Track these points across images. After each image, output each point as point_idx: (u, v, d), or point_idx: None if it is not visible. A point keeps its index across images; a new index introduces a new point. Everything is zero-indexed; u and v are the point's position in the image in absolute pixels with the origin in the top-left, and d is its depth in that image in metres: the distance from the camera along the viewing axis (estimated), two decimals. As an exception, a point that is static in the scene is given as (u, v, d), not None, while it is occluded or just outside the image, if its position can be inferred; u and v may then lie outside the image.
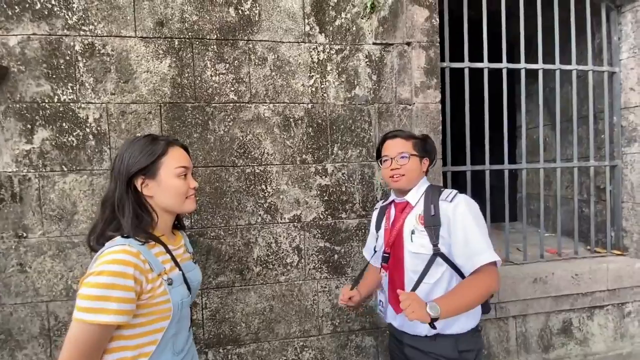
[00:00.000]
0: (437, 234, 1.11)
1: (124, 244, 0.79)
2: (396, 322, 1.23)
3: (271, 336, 1.63)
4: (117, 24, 1.48)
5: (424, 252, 1.13)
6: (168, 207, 0.90)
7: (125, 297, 0.75)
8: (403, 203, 1.23)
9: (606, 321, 1.94)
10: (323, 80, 1.65)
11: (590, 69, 1.99)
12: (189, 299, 0.92)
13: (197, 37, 1.54)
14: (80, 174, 1.47)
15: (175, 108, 1.53)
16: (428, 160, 1.24)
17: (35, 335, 1.45)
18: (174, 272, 0.88)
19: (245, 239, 1.60)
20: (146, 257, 0.81)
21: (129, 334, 0.79)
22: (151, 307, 0.81)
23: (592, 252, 2.02)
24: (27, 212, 1.44)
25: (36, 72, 1.43)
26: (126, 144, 0.88)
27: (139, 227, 0.83)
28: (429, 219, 1.13)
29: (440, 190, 1.18)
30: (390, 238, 1.23)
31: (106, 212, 0.86)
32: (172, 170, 0.88)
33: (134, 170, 0.84)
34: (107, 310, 0.72)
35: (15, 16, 1.41)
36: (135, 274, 0.77)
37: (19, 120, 1.42)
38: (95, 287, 0.73)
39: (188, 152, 0.96)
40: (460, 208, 1.10)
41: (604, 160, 2.03)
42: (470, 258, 1.05)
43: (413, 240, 1.16)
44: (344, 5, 1.65)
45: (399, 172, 1.18)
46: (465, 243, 1.07)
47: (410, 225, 1.18)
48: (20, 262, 1.44)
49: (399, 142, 1.21)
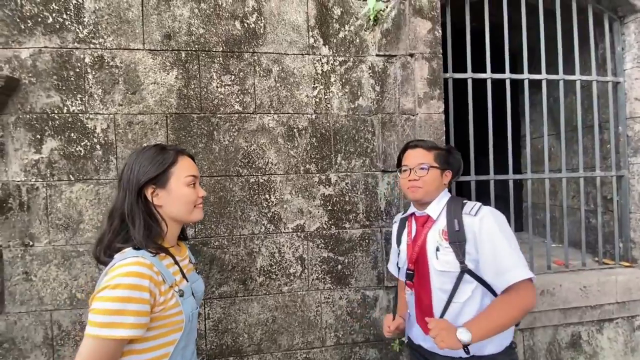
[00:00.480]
0: (463, 250, 1.06)
1: (137, 256, 0.79)
2: (426, 343, 1.17)
3: (274, 347, 1.61)
4: (126, 37, 1.52)
5: (451, 269, 1.08)
6: (177, 217, 0.90)
7: (141, 310, 0.74)
8: (424, 217, 1.19)
9: (616, 335, 1.89)
10: (327, 91, 1.67)
11: (594, 79, 1.99)
12: (197, 310, 0.92)
13: (204, 49, 1.57)
14: (87, 183, 1.49)
15: (181, 119, 1.56)
16: (450, 173, 1.20)
17: (39, 345, 1.45)
18: (183, 283, 0.88)
19: (248, 248, 1.60)
20: (159, 269, 0.81)
21: (141, 347, 0.78)
22: (164, 319, 0.80)
23: (600, 264, 1.98)
24: (34, 220, 1.46)
25: (46, 84, 1.47)
26: (135, 154, 0.88)
27: (150, 238, 0.83)
28: (453, 234, 1.09)
29: (462, 203, 1.14)
30: (412, 254, 1.18)
31: (114, 222, 0.85)
32: (182, 179, 0.88)
33: (145, 180, 0.84)
34: (124, 325, 0.72)
35: (28, 30, 1.45)
36: (150, 286, 0.76)
37: (28, 130, 1.45)
38: (112, 300, 0.72)
39: (194, 161, 0.97)
40: (487, 222, 1.06)
41: (611, 170, 2.01)
42: (501, 275, 1.00)
43: (438, 257, 1.11)
44: (348, 18, 1.68)
45: (417, 185, 1.14)
46: (494, 259, 1.02)
47: (433, 241, 1.13)
48: (25, 271, 1.45)
49: (419, 153, 1.17)
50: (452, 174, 1.20)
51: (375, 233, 1.70)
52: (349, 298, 1.67)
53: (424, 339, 1.16)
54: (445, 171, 1.19)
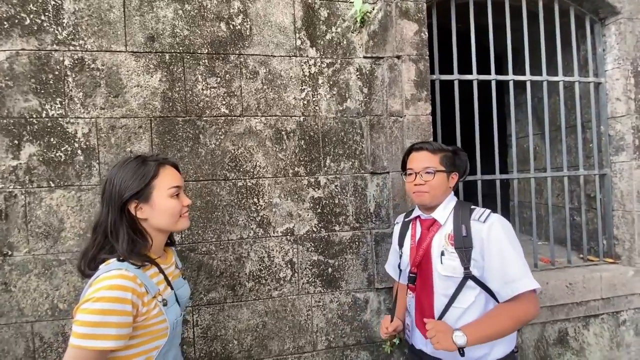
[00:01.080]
0: (469, 257, 1.05)
1: (121, 269, 0.79)
2: (427, 348, 1.15)
3: (264, 353, 1.59)
4: (107, 38, 1.48)
5: (455, 274, 1.07)
6: (162, 228, 0.91)
7: (123, 322, 0.76)
8: (429, 220, 1.17)
9: (602, 330, 1.93)
10: (315, 94, 1.66)
11: (576, 80, 2.03)
12: (181, 317, 0.94)
13: (188, 51, 1.54)
14: (68, 189, 1.44)
15: (165, 122, 1.52)
16: (457, 175, 1.18)
17: (20, 358, 1.40)
18: (167, 292, 0.90)
19: (237, 253, 1.58)
20: (142, 281, 0.82)
21: (123, 354, 0.80)
22: (146, 328, 0.82)
23: (585, 261, 2.03)
24: (12, 229, 1.40)
25: (24, 88, 1.41)
26: (116, 167, 0.88)
27: (134, 251, 0.84)
28: (459, 239, 1.07)
29: (470, 209, 1.12)
30: (416, 257, 1.16)
31: (98, 237, 0.85)
32: (165, 192, 0.88)
33: (127, 196, 0.84)
34: (106, 336, 0.73)
35: (4, 32, 1.40)
36: (133, 299, 0.78)
37: (5, 136, 1.40)
38: (94, 313, 0.73)
39: (178, 169, 0.96)
40: (495, 230, 1.04)
41: (594, 169, 2.06)
42: (508, 284, 1.00)
43: (443, 262, 1.09)
44: (335, 20, 1.67)
45: (423, 189, 1.12)
46: (501, 268, 1.01)
47: (439, 245, 1.12)
48: (4, 282, 1.40)
49: (425, 156, 1.14)
50: (458, 176, 1.18)
51: (365, 235, 1.69)
52: (340, 301, 1.67)
53: (425, 343, 1.15)
54: (451, 173, 1.16)
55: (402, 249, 1.25)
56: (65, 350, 1.39)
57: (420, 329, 1.17)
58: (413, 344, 1.24)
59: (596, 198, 2.05)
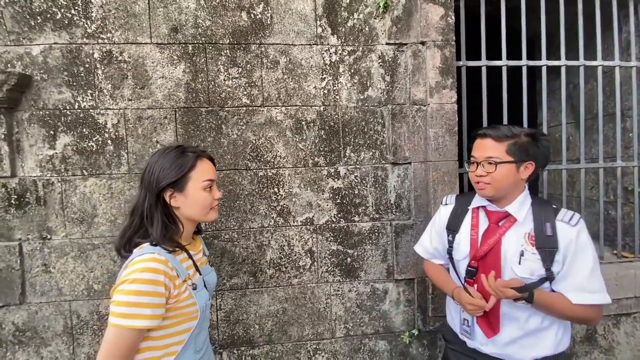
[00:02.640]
0: (552, 258, 0.98)
1: (153, 252, 0.84)
2: (487, 348, 1.08)
3: (284, 338, 1.64)
4: (133, 31, 1.51)
5: (532, 277, 1.00)
6: (193, 218, 0.95)
7: (156, 302, 0.80)
8: (501, 213, 1.07)
9: (633, 329, 1.84)
10: (335, 82, 1.63)
11: (617, 65, 1.88)
12: (209, 301, 0.98)
13: (210, 42, 1.55)
14: (100, 178, 1.52)
15: (189, 113, 1.56)
16: (532, 165, 1.04)
17: (59, 333, 1.51)
18: (196, 276, 0.94)
19: (258, 241, 1.61)
20: (173, 265, 0.86)
21: (157, 335, 0.85)
22: (177, 310, 0.86)
23: (619, 257, 1.92)
24: (50, 214, 1.50)
25: (58, 80, 1.48)
26: (156, 155, 0.92)
27: (167, 237, 0.88)
28: (543, 239, 0.99)
29: (554, 208, 1.04)
30: (479, 251, 1.07)
31: (135, 220, 0.90)
32: (199, 184, 0.92)
33: (164, 184, 0.88)
34: (141, 316, 0.78)
35: (38, 26, 1.46)
36: (165, 281, 0.82)
37: (42, 126, 1.48)
38: (129, 294, 0.78)
39: (214, 163, 1.00)
40: (583, 236, 0.99)
41: (632, 160, 1.93)
42: (579, 292, 0.97)
43: (522, 262, 1.00)
44: (356, 6, 1.63)
45: (484, 181, 1.03)
46: (585, 277, 0.97)
47: (516, 244, 1.03)
48: (44, 263, 1.50)
49: (488, 144, 1.04)
50: (534, 165, 1.04)
51: (385, 226, 1.68)
52: (359, 291, 1.68)
53: (485, 342, 1.08)
54: (524, 163, 1.03)
55: (456, 235, 1.15)
56: (100, 329, 1.49)
57: (481, 327, 1.08)
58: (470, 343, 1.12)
59: (634, 191, 1.93)
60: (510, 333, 1.04)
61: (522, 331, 1.03)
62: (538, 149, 1.04)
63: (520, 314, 1.03)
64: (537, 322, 1.02)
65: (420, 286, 1.68)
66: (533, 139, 1.04)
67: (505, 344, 1.04)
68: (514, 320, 1.04)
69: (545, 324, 1.03)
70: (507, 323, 1.04)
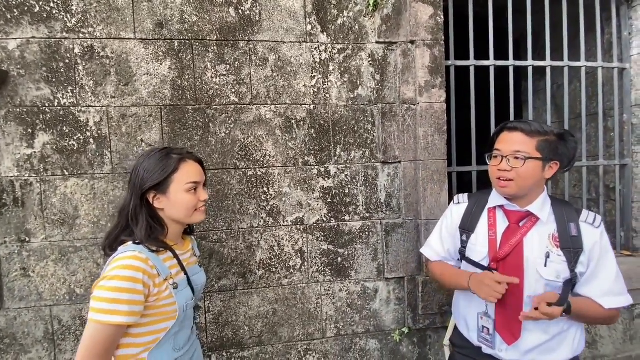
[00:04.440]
0: (577, 259, 0.95)
1: (135, 250, 0.86)
2: (506, 354, 1.03)
3: (274, 340, 1.62)
4: (116, 25, 1.46)
5: (558, 279, 0.97)
6: (176, 219, 0.96)
7: (135, 299, 0.81)
8: (522, 213, 1.03)
9: (616, 323, 1.90)
10: (325, 81, 1.62)
11: (599, 66, 1.93)
12: (193, 302, 0.97)
13: (197, 38, 1.52)
14: (82, 178, 1.46)
15: (175, 111, 1.51)
16: (557, 165, 1.00)
17: (40, 340, 1.45)
18: (180, 276, 0.94)
19: (247, 242, 1.59)
20: (154, 263, 0.87)
21: (137, 332, 0.86)
22: (157, 308, 0.87)
23: (601, 253, 1.98)
24: (29, 216, 1.44)
25: (36, 76, 1.42)
26: (143, 157, 0.94)
27: (151, 237, 0.90)
28: (567, 240, 0.97)
29: (575, 209, 1.03)
30: (500, 252, 1.02)
31: (121, 220, 0.93)
32: (182, 186, 0.92)
33: (147, 186, 0.90)
34: (119, 312, 0.79)
35: (14, 19, 1.40)
36: (144, 279, 0.83)
37: (19, 124, 1.42)
38: (108, 290, 0.79)
39: (202, 165, 1.00)
40: (606, 238, 0.97)
41: (614, 159, 1.99)
42: (608, 296, 0.96)
43: (548, 264, 0.97)
44: (346, 4, 1.62)
45: (508, 176, 0.98)
46: (609, 280, 0.96)
47: (539, 245, 1.00)
48: (23, 267, 1.44)
49: (518, 138, 0.99)
50: (558, 166, 1.00)
51: (375, 225, 1.68)
52: (349, 290, 1.67)
53: (505, 349, 1.03)
54: (550, 162, 0.99)
55: (472, 236, 1.10)
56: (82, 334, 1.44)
57: (503, 334, 1.03)
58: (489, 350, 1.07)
59: (615, 189, 1.99)
60: (535, 338, 1.00)
61: (548, 335, 1.00)
62: (566, 149, 1.01)
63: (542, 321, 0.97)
64: (561, 325, 1.00)
65: (411, 284, 1.69)
66: (562, 138, 1.00)
67: (527, 350, 1.01)
68: (537, 325, 0.99)
69: (566, 327, 1.01)
70: (530, 328, 1.00)
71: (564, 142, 1.00)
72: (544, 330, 1.00)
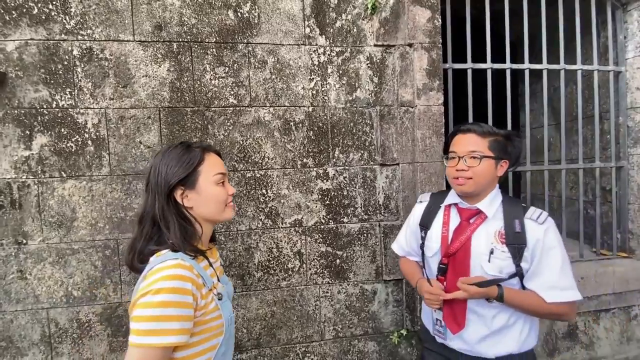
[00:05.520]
0: (522, 254, 0.99)
1: (177, 258, 0.74)
2: (453, 343, 1.09)
3: (273, 342, 1.62)
4: (115, 28, 1.46)
5: (501, 274, 1.01)
6: (208, 217, 0.86)
7: (186, 314, 0.70)
8: (472, 210, 1.08)
9: (612, 325, 1.91)
10: (324, 83, 1.63)
11: (595, 69, 1.95)
12: (233, 314, 0.88)
13: (196, 40, 1.52)
14: (80, 180, 1.46)
15: (174, 112, 1.52)
16: (507, 163, 1.07)
17: (36, 342, 1.44)
18: (219, 286, 0.85)
19: (246, 244, 1.59)
20: (198, 272, 0.77)
21: (183, 355, 0.73)
22: (204, 324, 0.76)
23: (598, 255, 1.99)
24: (26, 218, 1.43)
25: (34, 78, 1.42)
26: (160, 154, 0.84)
27: (187, 240, 0.79)
28: (512, 235, 1.01)
29: (523, 206, 1.06)
30: (450, 248, 1.08)
31: (145, 227, 0.81)
32: (211, 178, 0.84)
33: (174, 182, 0.80)
34: (170, 331, 0.67)
35: (13, 21, 1.40)
36: (193, 290, 0.72)
37: (17, 126, 1.41)
38: (155, 306, 0.67)
39: (221, 157, 0.92)
40: (551, 234, 1.00)
41: (610, 161, 2.00)
42: (552, 290, 0.98)
43: (491, 260, 1.01)
44: (345, 7, 1.63)
45: (465, 175, 1.03)
46: (555, 274, 0.98)
47: (486, 241, 1.04)
48: (20, 269, 1.43)
49: (472, 139, 1.04)
50: (507, 164, 1.07)
51: (373, 227, 1.68)
52: (348, 292, 1.67)
53: (452, 337, 1.09)
54: (501, 161, 1.05)
55: (428, 232, 1.16)
56: (80, 337, 1.44)
57: (450, 324, 1.09)
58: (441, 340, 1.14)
59: (612, 191, 2.00)
60: (478, 330, 1.05)
61: (488, 329, 1.04)
62: (514, 148, 1.08)
63: (487, 312, 1.04)
64: (504, 320, 1.03)
65: (409, 286, 1.69)
66: (509, 138, 1.07)
67: (471, 340, 1.06)
68: (480, 317, 1.05)
69: (510, 322, 1.04)
70: (474, 320, 1.05)
71: (510, 142, 1.07)
72: (485, 323, 1.04)
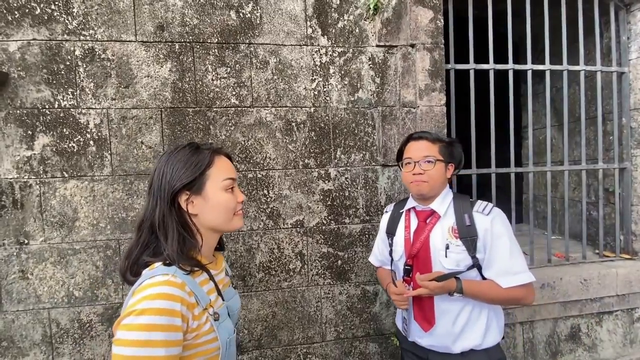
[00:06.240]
0: (475, 245, 1.07)
1: (167, 274, 0.68)
2: (423, 340, 1.15)
3: (274, 343, 1.61)
4: (117, 28, 1.46)
5: (459, 267, 1.08)
6: (214, 226, 0.78)
7: (173, 339, 0.63)
8: (427, 211, 1.16)
9: (615, 327, 1.90)
10: (326, 84, 1.62)
11: (598, 70, 1.94)
12: (235, 335, 0.80)
13: (198, 40, 1.52)
14: (81, 180, 1.46)
15: (176, 113, 1.52)
16: (453, 167, 1.18)
17: (37, 342, 1.44)
18: (218, 303, 0.77)
19: (247, 244, 1.58)
20: (192, 289, 0.70)
21: None
22: (196, 347, 0.69)
23: (601, 256, 1.98)
24: (28, 218, 1.43)
25: (36, 78, 1.42)
26: (165, 155, 0.77)
27: (184, 252, 0.73)
28: (463, 229, 1.09)
29: (470, 201, 1.15)
30: (412, 249, 1.15)
31: (143, 234, 0.75)
32: (220, 184, 0.77)
33: (179, 186, 0.73)
34: (154, 358, 0.60)
35: (15, 21, 1.40)
36: (182, 310, 0.65)
37: (19, 126, 1.42)
38: (138, 329, 0.61)
39: (232, 160, 0.85)
40: (498, 223, 1.08)
41: (613, 162, 1.99)
42: (510, 275, 1.05)
43: (448, 255, 1.09)
44: (347, 7, 1.63)
45: (422, 178, 1.11)
46: (505, 260, 1.05)
47: (442, 238, 1.11)
48: (21, 269, 1.43)
49: (424, 145, 1.13)
50: (454, 167, 1.18)
51: (375, 228, 1.68)
52: (349, 293, 1.67)
53: (421, 335, 1.15)
54: (448, 164, 1.16)
55: (394, 238, 1.23)
56: (81, 337, 1.43)
57: (419, 322, 1.15)
58: (409, 337, 1.20)
59: (615, 192, 1.99)
60: (444, 326, 1.10)
61: (454, 325, 1.09)
62: (457, 153, 1.19)
63: (453, 307, 1.09)
64: (468, 314, 1.09)
65: (411, 288, 1.68)
66: (451, 145, 1.18)
67: (440, 336, 1.11)
68: (447, 313, 1.10)
69: (473, 317, 1.10)
70: (442, 316, 1.11)
71: (454, 148, 1.18)
72: (451, 319, 1.10)
